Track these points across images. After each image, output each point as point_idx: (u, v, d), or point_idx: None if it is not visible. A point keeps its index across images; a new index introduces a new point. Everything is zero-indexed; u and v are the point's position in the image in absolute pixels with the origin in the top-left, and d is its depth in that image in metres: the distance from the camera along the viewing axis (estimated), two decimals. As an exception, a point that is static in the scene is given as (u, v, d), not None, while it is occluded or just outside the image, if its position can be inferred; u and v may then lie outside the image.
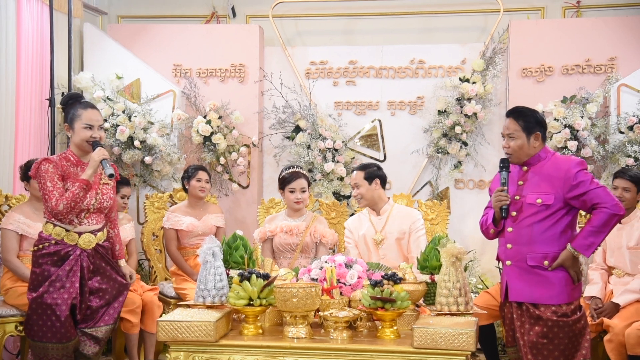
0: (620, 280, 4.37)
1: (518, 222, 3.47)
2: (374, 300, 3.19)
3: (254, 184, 6.01)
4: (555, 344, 3.35)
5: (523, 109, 3.56)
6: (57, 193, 3.59)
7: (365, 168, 4.54)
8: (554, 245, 3.42)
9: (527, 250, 3.43)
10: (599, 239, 3.36)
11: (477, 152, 5.82)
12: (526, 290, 3.42)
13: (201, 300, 3.41)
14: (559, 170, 3.43)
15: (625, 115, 5.33)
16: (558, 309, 3.37)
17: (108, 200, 3.79)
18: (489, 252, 5.72)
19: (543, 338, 3.35)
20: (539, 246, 3.42)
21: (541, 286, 3.39)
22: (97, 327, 3.75)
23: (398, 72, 5.98)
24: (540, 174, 3.47)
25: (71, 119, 3.73)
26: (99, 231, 3.78)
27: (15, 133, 5.14)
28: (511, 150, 3.50)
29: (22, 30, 5.23)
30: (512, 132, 3.49)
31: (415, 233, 4.46)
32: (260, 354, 3.15)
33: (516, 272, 3.46)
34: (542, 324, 3.36)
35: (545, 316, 3.36)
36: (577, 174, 3.38)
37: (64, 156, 3.74)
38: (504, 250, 3.52)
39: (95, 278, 3.74)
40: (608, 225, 3.35)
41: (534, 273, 3.42)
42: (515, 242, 3.47)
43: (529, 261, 3.42)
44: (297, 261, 4.58)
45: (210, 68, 6.03)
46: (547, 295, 3.39)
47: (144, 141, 5.62)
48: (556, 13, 6.04)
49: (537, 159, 3.51)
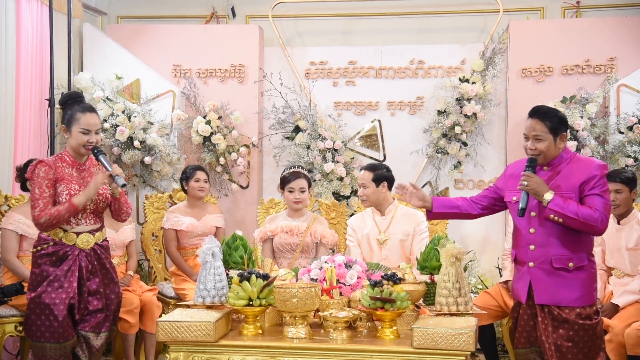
0: (620, 281, 4.37)
1: (541, 223, 3.36)
2: (373, 300, 3.19)
3: (253, 184, 6.01)
4: (580, 347, 3.29)
5: (547, 109, 3.43)
6: (42, 203, 3.56)
7: (374, 169, 4.49)
8: (580, 248, 3.35)
9: (552, 252, 3.34)
10: (566, 214, 3.23)
11: (476, 152, 5.82)
12: (552, 293, 3.33)
13: (201, 301, 3.41)
14: (583, 172, 3.33)
15: (625, 116, 5.33)
16: (582, 311, 3.31)
17: (104, 201, 3.77)
18: (489, 252, 5.73)
19: (568, 341, 3.29)
20: (565, 248, 3.33)
21: (566, 288, 3.32)
22: (96, 333, 3.73)
23: (398, 73, 5.98)
24: (563, 175, 3.37)
25: (69, 121, 3.67)
26: (97, 231, 3.77)
27: (15, 133, 5.14)
28: (538, 152, 3.38)
29: (22, 30, 5.22)
30: (539, 134, 3.36)
31: (419, 235, 4.45)
32: (259, 354, 3.15)
33: (541, 274, 3.36)
34: (567, 327, 3.29)
35: (570, 319, 3.29)
36: (599, 180, 3.31)
37: (60, 157, 3.72)
38: (526, 251, 3.41)
39: (94, 280, 3.72)
40: (584, 223, 3.24)
41: (558, 275, 3.33)
42: (540, 244, 3.37)
43: (554, 263, 3.33)
44: (297, 261, 4.59)
45: (209, 68, 6.03)
46: (572, 297, 3.32)
47: (144, 141, 5.62)
48: (556, 13, 6.04)
49: (560, 159, 3.40)
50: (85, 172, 3.75)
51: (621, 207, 4.30)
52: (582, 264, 3.35)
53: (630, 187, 4.31)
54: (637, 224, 4.32)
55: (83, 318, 3.70)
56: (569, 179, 3.35)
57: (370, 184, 4.45)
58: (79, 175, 3.72)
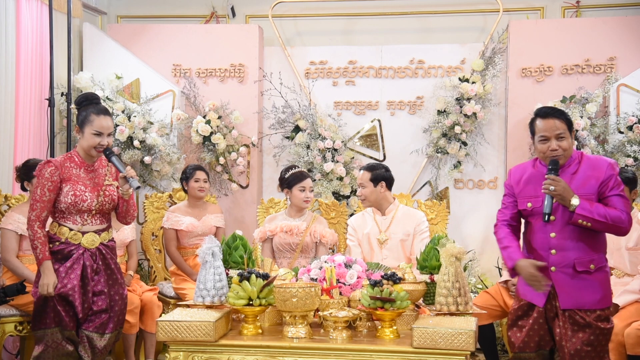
0: (620, 280, 4.37)
1: (562, 227, 3.31)
2: (373, 300, 3.19)
3: (253, 184, 6.01)
4: (597, 351, 3.27)
5: (558, 108, 3.39)
6: (40, 207, 3.60)
7: (373, 169, 4.49)
8: (599, 249, 3.33)
9: (574, 255, 3.29)
10: (595, 218, 3.19)
11: (476, 152, 5.83)
12: (576, 296, 3.29)
13: (200, 300, 3.41)
14: (596, 171, 3.30)
15: (625, 115, 5.33)
16: (602, 313, 3.29)
17: (110, 202, 3.76)
18: (489, 252, 5.73)
19: (588, 346, 3.26)
20: (587, 251, 3.30)
21: (588, 290, 3.29)
22: (100, 334, 3.72)
23: (397, 72, 5.98)
24: (579, 176, 3.32)
25: (82, 122, 3.68)
26: (104, 231, 3.77)
27: (15, 133, 5.14)
28: (560, 151, 3.30)
29: (22, 30, 5.23)
30: (562, 132, 3.27)
31: (420, 235, 4.45)
32: (259, 353, 3.15)
33: (564, 278, 3.31)
34: (588, 332, 3.26)
35: (592, 323, 3.26)
36: (616, 179, 3.29)
37: (69, 156, 3.73)
38: (547, 255, 3.33)
39: (99, 280, 3.72)
40: (613, 225, 3.23)
41: (581, 278, 3.30)
42: (561, 248, 3.31)
43: (577, 267, 3.29)
44: (297, 261, 4.59)
45: (209, 68, 6.03)
46: (595, 299, 3.29)
47: (144, 141, 5.62)
48: (555, 13, 6.04)
49: (570, 160, 3.35)
50: (93, 174, 3.75)
51: None
52: (602, 264, 3.33)
53: (630, 187, 4.31)
54: (637, 224, 4.32)
55: (87, 318, 3.69)
56: (586, 180, 3.30)
57: (369, 183, 4.46)
58: (86, 176, 3.72)
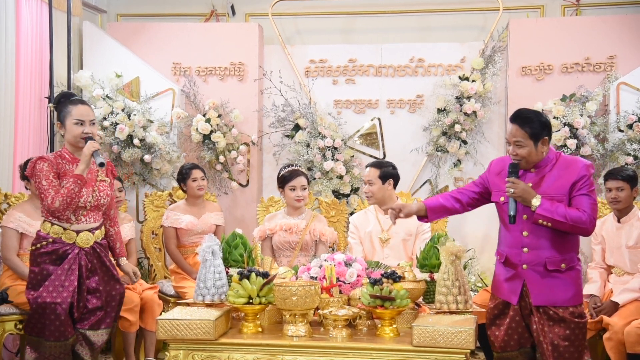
0: (620, 279, 4.38)
1: (533, 226, 3.34)
2: (373, 298, 3.20)
3: (253, 182, 6.01)
4: (575, 345, 3.31)
5: (528, 114, 3.39)
6: (53, 191, 3.59)
7: (381, 166, 4.49)
8: (570, 249, 3.37)
9: (546, 255, 3.34)
10: (555, 218, 3.23)
11: (476, 150, 5.82)
12: (547, 294, 3.34)
13: (200, 299, 3.42)
14: (572, 173, 3.33)
15: (625, 114, 5.33)
16: (575, 310, 3.33)
17: (105, 198, 3.78)
18: (488, 250, 5.72)
19: (565, 340, 3.30)
20: (556, 250, 3.34)
21: (560, 289, 3.33)
22: (94, 330, 3.73)
23: (397, 71, 5.98)
24: (551, 177, 3.37)
25: (63, 116, 3.71)
26: (97, 229, 3.78)
27: (15, 131, 5.14)
28: (519, 157, 3.37)
29: (22, 28, 5.22)
30: (519, 140, 3.34)
31: (422, 235, 4.45)
32: (259, 352, 3.16)
33: (535, 276, 3.36)
34: (563, 326, 3.31)
35: (566, 318, 3.31)
36: (587, 180, 3.31)
37: (59, 154, 3.73)
38: (519, 253, 3.39)
39: (94, 278, 3.73)
40: (573, 225, 3.25)
41: (552, 276, 3.34)
42: (533, 247, 3.36)
43: (548, 266, 3.33)
44: (296, 259, 4.59)
45: (209, 66, 6.03)
46: (567, 297, 3.33)
47: (144, 139, 5.62)
48: (556, 11, 6.04)
49: (546, 161, 3.39)
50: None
51: (622, 204, 4.33)
52: (573, 263, 3.38)
53: (631, 184, 4.33)
54: (637, 222, 4.33)
55: (82, 316, 3.70)
56: (558, 180, 3.35)
57: (377, 180, 4.44)
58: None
